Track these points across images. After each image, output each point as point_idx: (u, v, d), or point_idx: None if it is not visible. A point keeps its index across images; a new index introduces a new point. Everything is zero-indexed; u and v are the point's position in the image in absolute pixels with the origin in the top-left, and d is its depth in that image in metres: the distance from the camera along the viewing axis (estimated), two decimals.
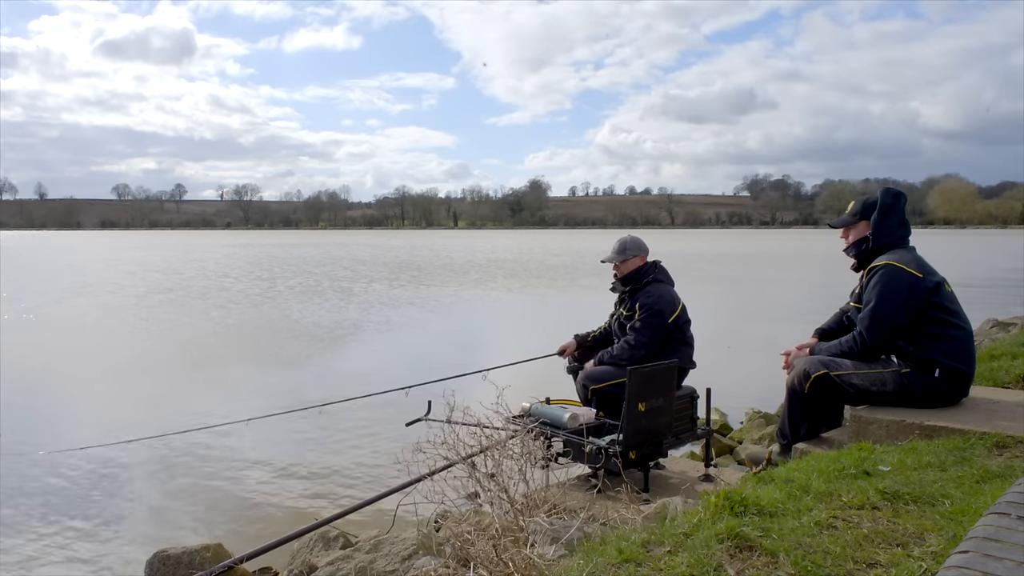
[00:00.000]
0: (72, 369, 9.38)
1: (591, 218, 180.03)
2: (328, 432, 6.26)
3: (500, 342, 11.60)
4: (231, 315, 14.64)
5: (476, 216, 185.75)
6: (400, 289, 20.57)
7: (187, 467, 5.40)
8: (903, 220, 3.58)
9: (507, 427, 3.15)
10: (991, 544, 1.68)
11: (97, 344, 11.33)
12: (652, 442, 3.62)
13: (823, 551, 1.95)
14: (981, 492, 2.29)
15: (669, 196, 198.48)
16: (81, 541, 4.14)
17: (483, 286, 21.65)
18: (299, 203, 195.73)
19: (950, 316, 3.38)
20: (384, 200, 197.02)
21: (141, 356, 10.21)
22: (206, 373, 9.05)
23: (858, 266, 3.66)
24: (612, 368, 4.08)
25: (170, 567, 3.35)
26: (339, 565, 2.95)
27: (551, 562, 2.17)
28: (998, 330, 8.65)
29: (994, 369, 4.38)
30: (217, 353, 10.43)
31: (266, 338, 11.72)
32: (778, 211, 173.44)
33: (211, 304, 16.53)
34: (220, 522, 4.41)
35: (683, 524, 2.20)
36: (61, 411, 7.19)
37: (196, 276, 25.72)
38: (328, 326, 12.85)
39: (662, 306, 4.04)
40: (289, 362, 9.66)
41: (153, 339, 11.64)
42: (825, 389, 3.45)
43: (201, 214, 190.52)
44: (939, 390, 3.34)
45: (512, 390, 3.30)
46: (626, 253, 4.22)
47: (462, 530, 2.40)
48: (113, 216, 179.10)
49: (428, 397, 3.99)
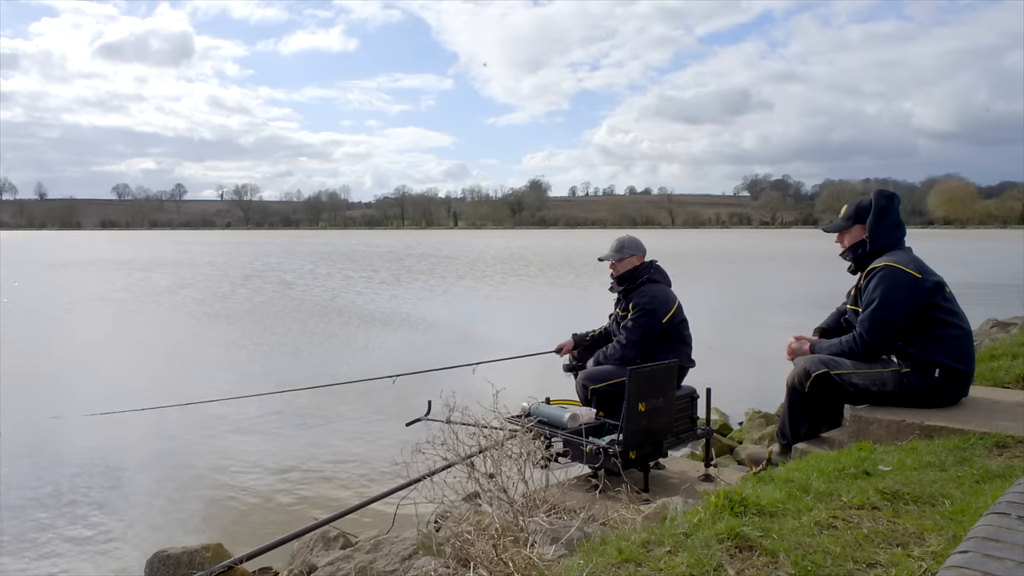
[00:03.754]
0: (77, 348, 9.40)
1: (591, 218, 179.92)
2: (328, 432, 6.26)
3: (499, 337, 11.59)
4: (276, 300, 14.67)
5: (476, 216, 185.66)
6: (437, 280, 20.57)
7: (187, 467, 5.40)
8: (898, 221, 3.59)
9: (507, 427, 3.15)
10: (991, 544, 1.68)
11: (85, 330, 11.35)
12: (652, 442, 3.62)
13: (823, 551, 1.94)
14: (981, 492, 2.29)
15: (669, 196, 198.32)
16: (81, 541, 4.14)
17: (505, 281, 21.66)
18: (299, 203, 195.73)
19: (949, 316, 3.38)
20: (384, 200, 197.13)
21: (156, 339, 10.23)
22: (212, 355, 9.06)
23: (855, 269, 3.66)
24: (612, 368, 4.08)
25: (170, 567, 3.36)
26: (339, 565, 2.95)
27: (551, 562, 2.17)
28: (998, 330, 8.65)
29: (994, 369, 4.38)
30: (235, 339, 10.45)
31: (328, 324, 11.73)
32: (778, 211, 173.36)
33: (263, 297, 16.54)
34: (220, 522, 4.41)
35: (683, 524, 2.20)
36: (64, 390, 7.20)
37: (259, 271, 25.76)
38: (345, 312, 12.87)
39: (654, 306, 4.04)
40: (292, 348, 9.68)
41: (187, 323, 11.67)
42: (825, 388, 3.45)
43: (201, 214, 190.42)
44: (939, 390, 3.34)
45: (512, 390, 3.30)
46: (623, 252, 4.23)
47: (462, 530, 2.40)
48: (113, 216, 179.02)
49: (418, 387, 4.00)
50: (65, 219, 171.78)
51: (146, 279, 24.24)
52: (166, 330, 12.76)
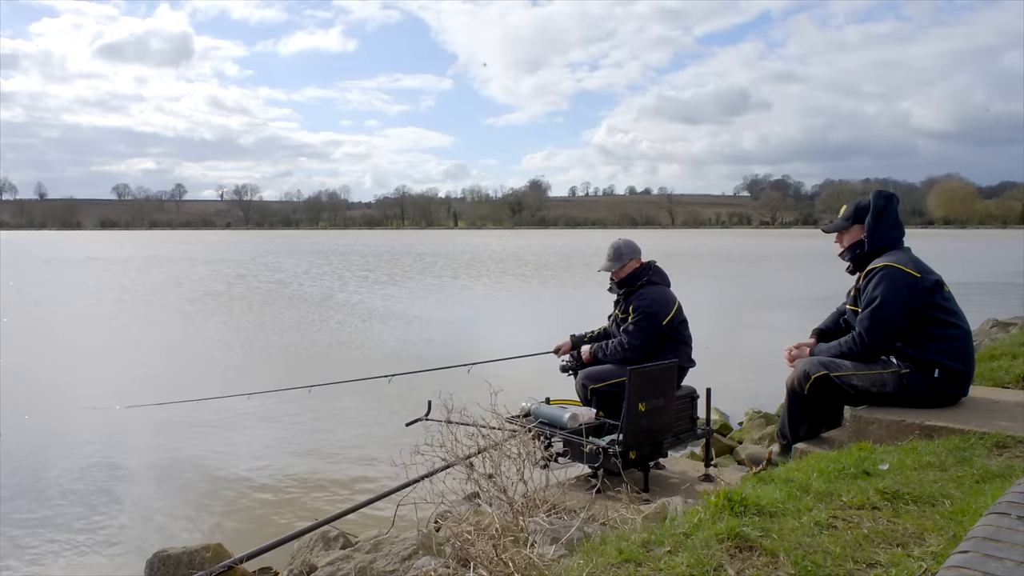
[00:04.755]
0: (84, 344, 9.40)
1: (591, 218, 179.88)
2: (328, 432, 6.26)
3: (499, 337, 11.59)
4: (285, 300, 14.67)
5: (476, 216, 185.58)
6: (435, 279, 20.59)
7: (187, 467, 5.40)
8: (896, 221, 3.58)
9: (506, 427, 3.14)
10: (991, 544, 1.68)
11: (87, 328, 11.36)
12: (652, 442, 3.62)
13: (823, 551, 1.94)
14: (981, 492, 2.29)
15: (669, 196, 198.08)
16: (81, 541, 4.14)
17: (504, 279, 21.62)
18: (299, 203, 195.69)
19: (948, 316, 3.38)
20: (384, 200, 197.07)
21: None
22: (211, 355, 9.06)
23: (854, 269, 3.65)
24: (612, 368, 4.08)
25: (170, 567, 3.36)
26: (339, 565, 2.95)
27: (551, 562, 2.17)
28: (998, 330, 8.65)
29: (994, 369, 4.38)
30: (235, 337, 10.45)
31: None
32: (778, 211, 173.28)
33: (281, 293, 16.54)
34: (220, 522, 4.42)
35: (683, 524, 2.20)
36: (66, 390, 7.20)
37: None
38: (343, 312, 12.86)
39: (655, 308, 4.04)
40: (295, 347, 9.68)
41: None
42: (825, 390, 3.44)
43: (201, 214, 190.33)
44: (939, 390, 3.34)
45: (512, 390, 3.30)
46: (622, 259, 4.22)
47: (462, 530, 2.40)
48: (113, 216, 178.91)
49: (418, 387, 4.01)
50: (65, 219, 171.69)
51: (143, 277, 24.24)
52: (162, 328, 12.76)
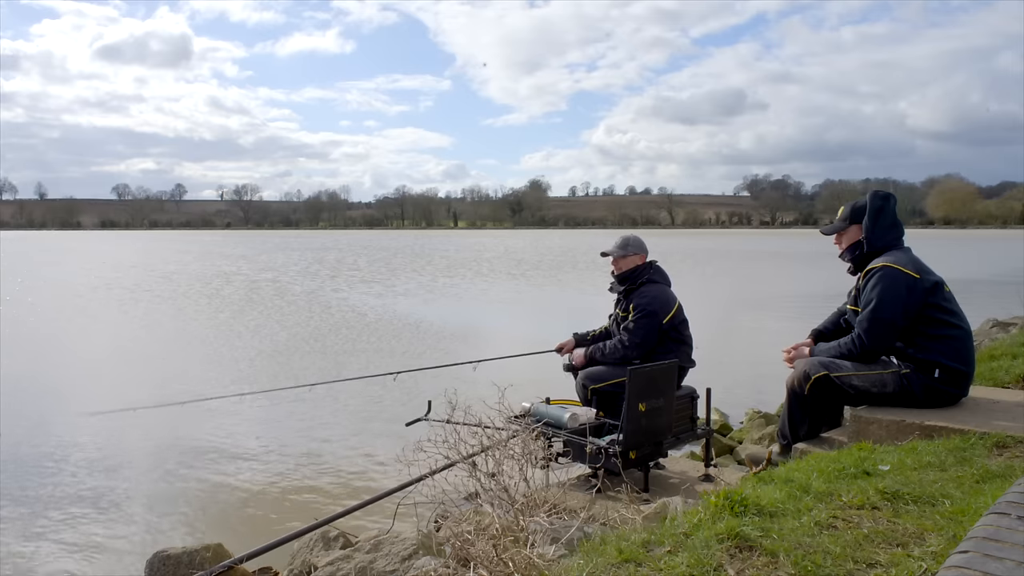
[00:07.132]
0: (83, 349, 9.40)
1: (591, 218, 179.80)
2: (329, 431, 6.26)
3: (498, 336, 11.59)
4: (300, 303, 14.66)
5: (476, 216, 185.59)
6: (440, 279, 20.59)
7: (187, 467, 5.40)
8: (895, 221, 3.58)
9: (507, 427, 3.14)
10: (991, 544, 1.68)
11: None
12: (652, 442, 3.62)
13: (823, 551, 1.94)
14: (981, 492, 2.29)
15: (669, 196, 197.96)
16: (81, 541, 4.14)
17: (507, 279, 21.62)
18: (299, 203, 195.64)
19: (948, 316, 3.38)
20: (384, 200, 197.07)
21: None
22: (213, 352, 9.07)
23: (855, 270, 3.65)
24: (612, 368, 4.08)
25: (170, 567, 3.35)
26: (339, 565, 2.95)
27: (551, 562, 2.16)
28: (998, 330, 8.65)
29: (994, 369, 4.38)
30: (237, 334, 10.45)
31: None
32: (778, 211, 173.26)
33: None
34: (220, 522, 4.42)
35: (683, 524, 2.20)
36: (63, 392, 7.20)
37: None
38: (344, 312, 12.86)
39: (655, 307, 4.04)
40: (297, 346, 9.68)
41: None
42: (825, 390, 3.44)
43: (201, 214, 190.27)
44: (939, 390, 3.34)
45: (512, 390, 3.30)
46: (627, 249, 4.23)
47: (462, 530, 2.40)
48: (113, 216, 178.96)
49: (418, 386, 4.00)
50: (65, 219, 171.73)
51: (143, 277, 24.23)
52: (162, 328, 12.76)
